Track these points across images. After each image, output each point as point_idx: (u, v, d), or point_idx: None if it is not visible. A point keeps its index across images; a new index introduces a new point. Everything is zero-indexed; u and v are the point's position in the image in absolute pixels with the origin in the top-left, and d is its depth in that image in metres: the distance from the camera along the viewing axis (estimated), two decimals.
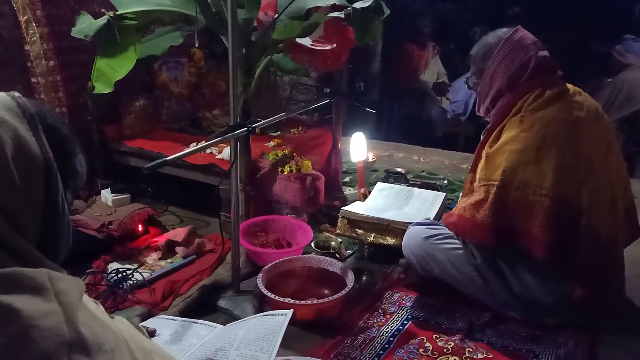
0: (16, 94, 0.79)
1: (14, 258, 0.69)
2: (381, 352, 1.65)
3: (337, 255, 2.18)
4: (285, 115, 1.99)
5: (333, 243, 2.27)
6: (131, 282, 1.94)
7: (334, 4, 2.31)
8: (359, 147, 2.64)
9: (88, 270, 1.99)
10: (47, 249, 0.78)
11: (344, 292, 1.76)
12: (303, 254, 2.13)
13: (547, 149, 1.66)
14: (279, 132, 3.04)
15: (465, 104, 4.97)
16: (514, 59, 1.77)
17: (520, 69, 1.77)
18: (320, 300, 1.75)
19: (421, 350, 1.66)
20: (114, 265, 2.08)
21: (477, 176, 1.78)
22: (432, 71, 5.20)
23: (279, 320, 1.39)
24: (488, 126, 1.87)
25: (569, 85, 1.81)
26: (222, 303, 1.87)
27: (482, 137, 1.88)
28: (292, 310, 1.43)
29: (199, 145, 1.63)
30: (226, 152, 2.56)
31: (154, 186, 2.71)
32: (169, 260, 2.18)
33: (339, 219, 2.27)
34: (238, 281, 1.91)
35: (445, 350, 1.66)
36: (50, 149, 0.78)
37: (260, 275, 1.85)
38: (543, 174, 1.65)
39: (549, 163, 1.65)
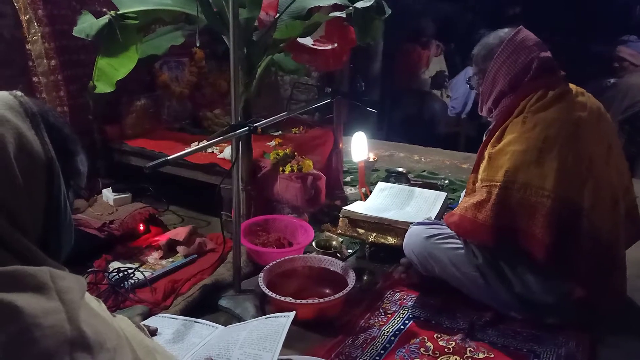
0: (18, 93, 0.80)
1: (16, 257, 0.69)
2: (382, 351, 1.65)
3: (338, 255, 2.18)
4: (287, 114, 1.99)
5: (334, 242, 2.28)
6: (132, 281, 1.94)
7: (335, 3, 2.30)
8: (360, 147, 2.64)
9: (89, 270, 2.00)
10: (49, 248, 0.78)
11: (345, 291, 1.77)
12: (304, 253, 2.13)
13: (549, 151, 1.65)
14: (280, 132, 3.04)
15: (464, 101, 4.97)
16: (517, 61, 1.77)
17: (523, 70, 1.77)
18: (322, 300, 1.75)
19: (422, 349, 1.66)
20: (115, 265, 2.08)
21: (480, 176, 1.78)
22: (434, 70, 5.18)
23: (282, 321, 1.40)
24: (490, 126, 1.86)
25: (572, 86, 1.80)
26: (223, 302, 1.87)
27: (484, 138, 1.88)
28: (294, 312, 1.44)
29: (200, 145, 1.63)
30: (227, 152, 2.56)
31: (155, 185, 2.71)
32: (170, 260, 2.18)
33: (340, 219, 2.28)
34: (239, 280, 1.91)
35: (446, 349, 1.66)
36: (52, 148, 0.78)
37: (261, 274, 1.86)
38: (545, 175, 1.64)
39: (550, 164, 1.65)
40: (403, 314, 1.86)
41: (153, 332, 1.45)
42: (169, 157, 1.42)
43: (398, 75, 5.25)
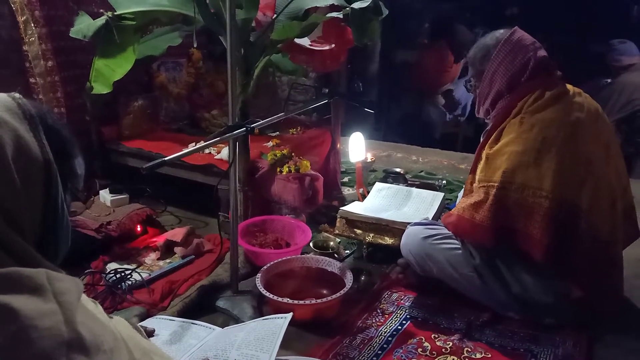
0: (17, 95, 0.80)
1: (13, 258, 0.69)
2: (380, 352, 1.65)
3: (336, 255, 2.18)
4: (284, 115, 1.99)
5: (332, 243, 2.28)
6: (130, 283, 1.94)
7: (333, 4, 2.30)
8: (357, 147, 2.64)
9: (86, 271, 1.99)
10: (46, 250, 0.78)
11: (342, 292, 1.77)
12: (302, 254, 2.13)
13: (547, 151, 1.66)
14: (277, 133, 3.04)
15: (464, 106, 4.96)
16: (514, 60, 1.78)
17: (520, 70, 1.77)
18: (319, 300, 1.75)
19: (420, 350, 1.66)
20: (112, 266, 2.08)
21: (477, 177, 1.78)
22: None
23: (279, 322, 1.40)
24: (488, 127, 1.87)
25: (569, 86, 1.81)
26: (221, 303, 1.87)
27: (482, 139, 1.88)
28: (291, 313, 1.44)
29: (198, 146, 1.63)
30: (225, 153, 2.56)
31: (152, 186, 2.71)
32: (167, 261, 2.18)
33: (338, 219, 2.28)
34: (237, 281, 1.91)
35: (443, 350, 1.66)
36: (50, 150, 0.78)
37: (258, 275, 1.86)
38: (542, 176, 1.65)
39: (548, 165, 1.65)
40: (400, 314, 1.86)
41: (150, 334, 1.44)
42: (166, 158, 1.42)
43: (419, 81, 5.04)
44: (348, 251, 2.33)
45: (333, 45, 2.40)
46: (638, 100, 3.75)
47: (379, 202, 2.43)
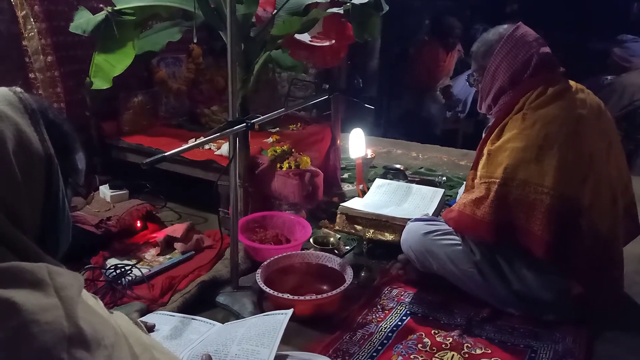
0: (18, 89, 0.79)
1: (14, 253, 0.69)
2: (380, 347, 1.65)
3: (336, 251, 2.19)
4: (284, 111, 1.99)
5: (332, 239, 2.28)
6: (130, 278, 1.94)
7: None
8: (357, 144, 2.64)
9: (86, 266, 1.99)
10: (47, 245, 0.78)
11: (342, 287, 1.77)
12: (302, 250, 2.13)
13: (549, 147, 1.66)
14: (277, 129, 3.03)
15: (464, 102, 4.95)
16: (516, 56, 1.77)
17: (523, 66, 1.77)
18: (319, 296, 1.75)
19: (420, 345, 1.66)
20: (112, 261, 2.07)
21: (479, 173, 1.78)
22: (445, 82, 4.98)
23: (280, 318, 1.41)
24: (490, 124, 1.87)
25: (572, 82, 1.80)
26: (221, 299, 1.87)
27: (483, 135, 1.88)
28: (292, 309, 1.44)
29: (198, 141, 1.62)
30: (225, 148, 2.55)
31: (152, 182, 2.71)
32: (167, 256, 2.17)
33: (338, 215, 2.27)
34: (237, 277, 1.91)
35: (443, 345, 1.66)
36: (52, 145, 0.78)
37: (259, 271, 1.86)
38: (544, 172, 1.65)
39: (550, 161, 1.65)
40: (400, 310, 1.86)
41: (150, 329, 1.44)
42: (166, 154, 1.42)
43: (415, 77, 5.00)
44: (348, 247, 2.33)
45: (333, 41, 2.39)
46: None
47: (379, 198, 2.43)
